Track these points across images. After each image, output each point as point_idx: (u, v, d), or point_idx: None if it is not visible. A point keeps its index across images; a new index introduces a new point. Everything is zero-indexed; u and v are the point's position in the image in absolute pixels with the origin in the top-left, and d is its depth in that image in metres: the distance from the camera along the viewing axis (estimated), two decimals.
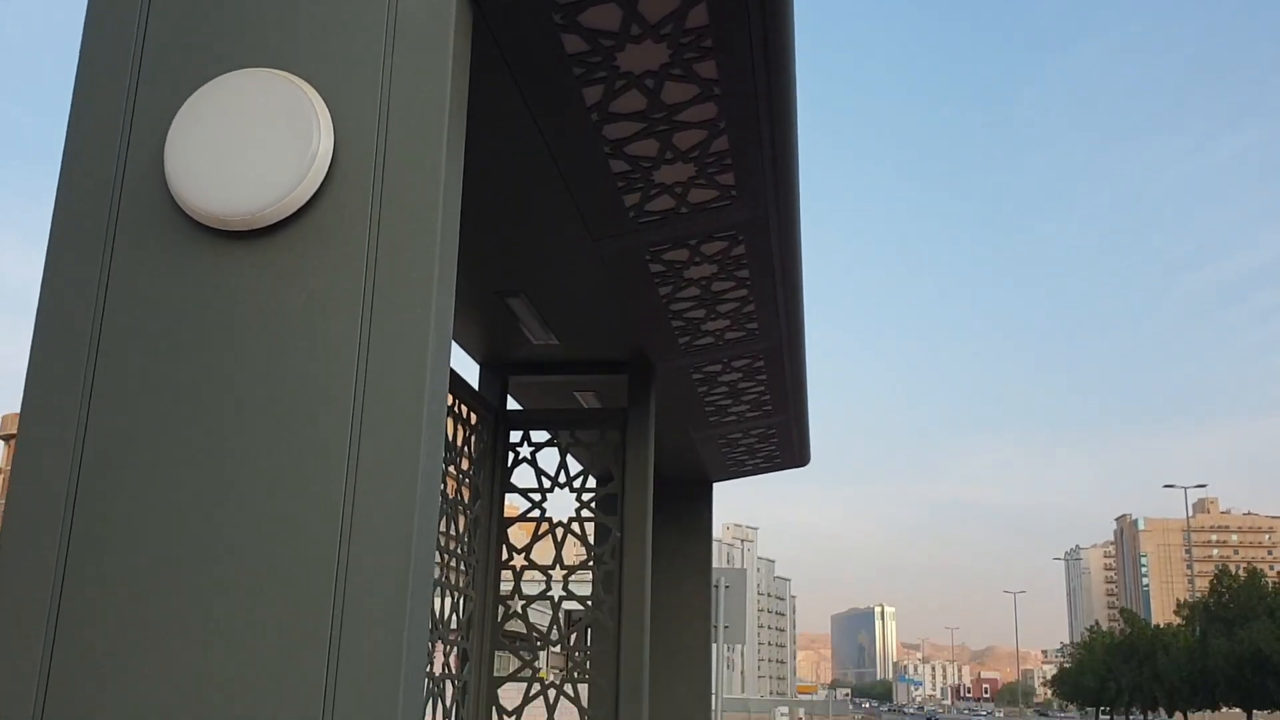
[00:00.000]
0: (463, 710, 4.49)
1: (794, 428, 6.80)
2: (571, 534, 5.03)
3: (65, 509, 2.22)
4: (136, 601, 2.14)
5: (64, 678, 2.12)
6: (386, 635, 2.09)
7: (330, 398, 2.19)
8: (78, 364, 2.30)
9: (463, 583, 4.54)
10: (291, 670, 2.09)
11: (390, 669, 2.08)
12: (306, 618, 2.12)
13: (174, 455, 2.21)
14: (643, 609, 4.82)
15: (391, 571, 2.13)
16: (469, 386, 4.67)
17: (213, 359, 2.26)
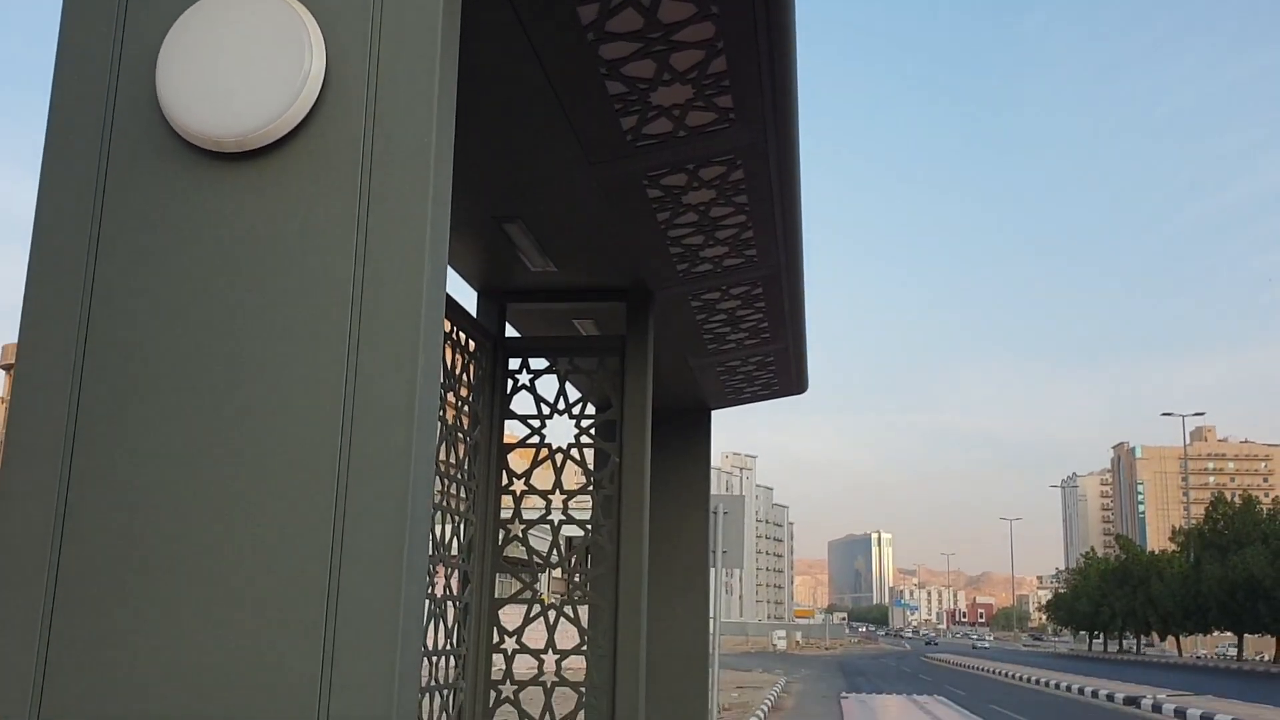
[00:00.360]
0: (464, 630, 4.57)
1: (792, 355, 6.81)
2: (571, 460, 5.06)
3: (66, 435, 2.23)
4: (141, 520, 2.17)
5: (69, 594, 2.16)
6: (386, 555, 2.12)
7: (326, 319, 2.19)
8: (74, 290, 2.29)
9: (463, 507, 4.58)
10: (293, 584, 2.11)
11: (390, 589, 2.11)
12: (307, 537, 2.14)
13: (172, 378, 2.22)
14: (641, 532, 4.88)
15: (390, 492, 2.14)
16: (467, 313, 4.67)
17: (209, 282, 2.25)
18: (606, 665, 4.80)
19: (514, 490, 5.03)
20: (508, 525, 4.96)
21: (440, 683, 4.27)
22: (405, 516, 2.13)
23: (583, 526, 5.04)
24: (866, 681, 42.19)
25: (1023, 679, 45.14)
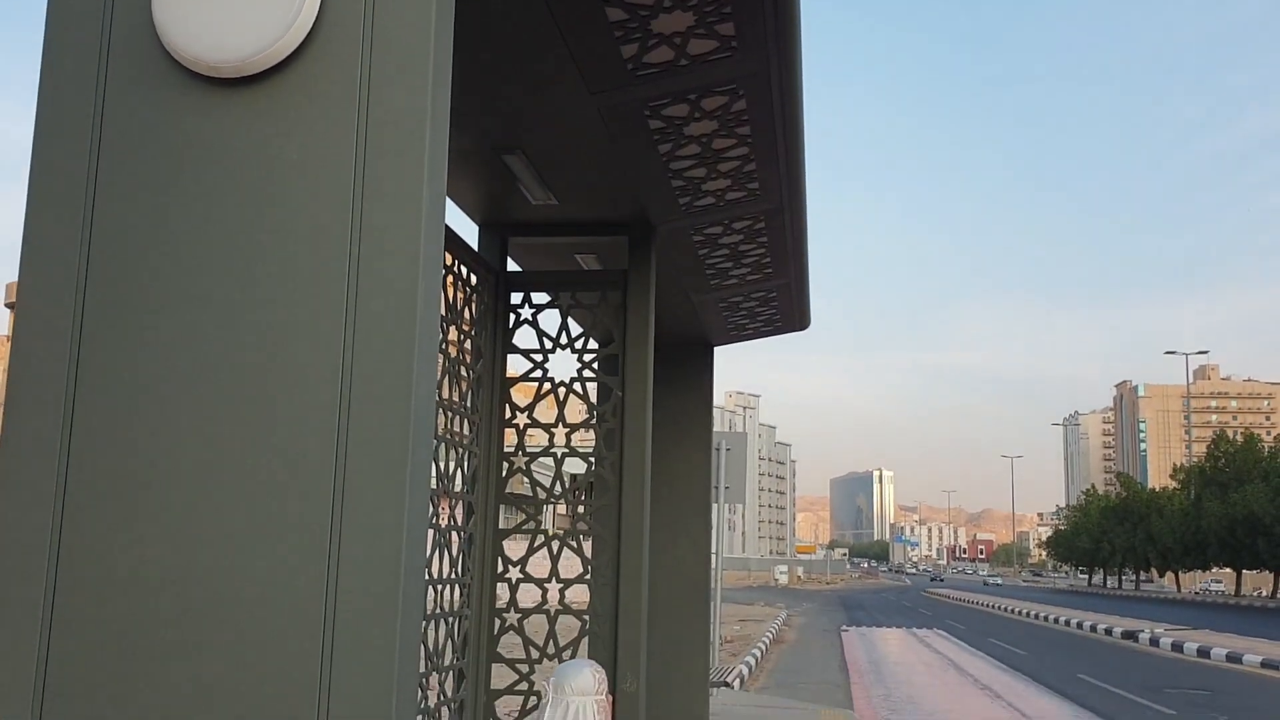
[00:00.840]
0: (468, 560, 4.63)
1: (794, 290, 6.81)
2: (574, 394, 5.09)
3: (69, 367, 2.25)
4: (144, 447, 2.19)
5: (76, 527, 2.19)
6: (389, 484, 2.14)
7: (325, 245, 2.20)
8: (74, 220, 2.29)
9: (467, 440, 4.62)
10: (295, 514, 2.14)
11: (393, 518, 2.13)
12: (308, 467, 2.16)
13: (173, 305, 2.23)
14: (643, 465, 4.92)
15: (393, 421, 2.16)
16: (468, 247, 4.66)
17: (208, 208, 2.25)
18: (609, 594, 4.87)
19: (517, 424, 5.06)
20: (511, 458, 5.00)
21: (446, 610, 4.33)
22: (407, 445, 2.15)
23: (585, 460, 5.08)
24: (867, 615, 42.72)
25: (1022, 614, 45.69)
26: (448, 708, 4.45)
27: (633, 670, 4.76)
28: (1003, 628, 36.53)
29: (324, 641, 2.11)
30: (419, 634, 2.27)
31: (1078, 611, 44.91)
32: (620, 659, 4.77)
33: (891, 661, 23.15)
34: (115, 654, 2.16)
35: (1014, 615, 45.73)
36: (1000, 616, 45.15)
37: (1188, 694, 17.81)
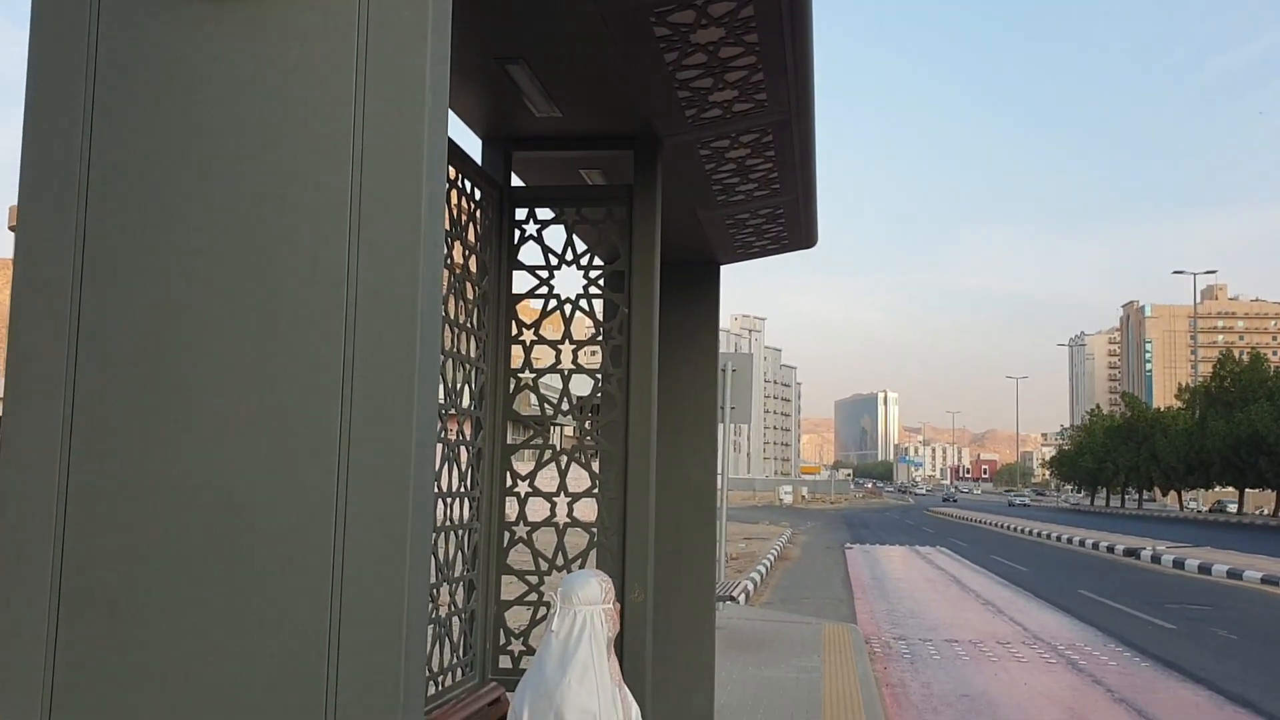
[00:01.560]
0: (477, 475, 4.66)
1: (802, 206, 6.74)
2: (579, 310, 5.07)
3: (72, 289, 2.24)
4: (150, 366, 2.19)
5: (85, 437, 2.20)
6: (397, 393, 2.14)
7: (326, 156, 2.18)
8: (74, 137, 2.27)
9: (474, 355, 4.62)
10: (303, 427, 2.15)
11: (401, 427, 2.14)
12: (315, 379, 2.17)
13: (174, 215, 2.22)
14: (650, 381, 4.92)
15: (399, 334, 2.16)
16: (472, 160, 4.61)
17: (208, 120, 2.23)
18: (617, 508, 4.91)
19: (523, 340, 5.06)
20: (518, 374, 5.01)
21: (456, 523, 4.38)
22: (414, 357, 2.15)
23: (592, 376, 5.09)
24: (870, 534, 43.22)
25: (1024, 532, 46.19)
26: (459, 618, 4.52)
27: (640, 581, 4.82)
28: (1006, 545, 36.95)
29: (334, 551, 2.13)
30: (429, 542, 2.29)
31: (1081, 530, 45.39)
32: (628, 571, 4.83)
33: (894, 578, 23.48)
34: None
35: (1017, 533, 46.24)
36: (1003, 534, 45.64)
37: (1188, 609, 18.07)
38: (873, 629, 14.74)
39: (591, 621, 3.63)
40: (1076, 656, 12.67)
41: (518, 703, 3.53)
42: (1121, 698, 10.19)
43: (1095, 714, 9.43)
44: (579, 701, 3.44)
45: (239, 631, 2.14)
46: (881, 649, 12.89)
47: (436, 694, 4.12)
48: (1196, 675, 11.47)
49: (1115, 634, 14.71)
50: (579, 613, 3.64)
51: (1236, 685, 10.88)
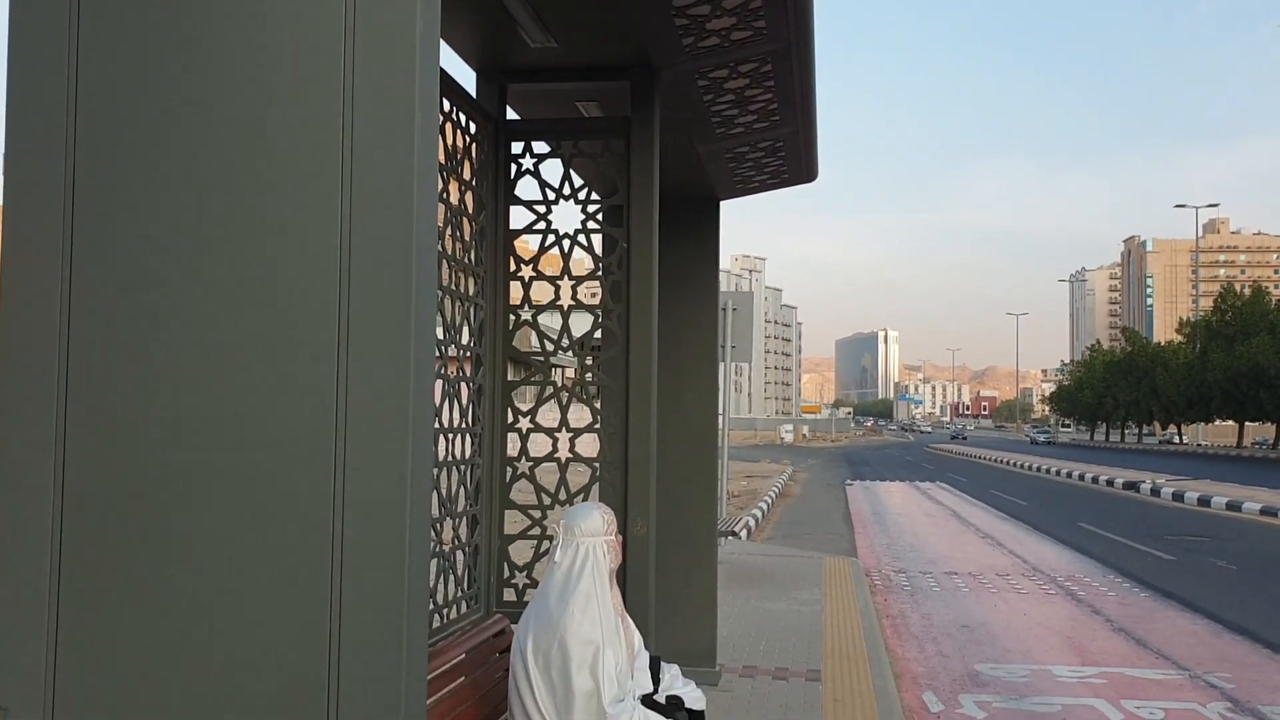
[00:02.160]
0: (478, 410, 4.66)
1: (802, 139, 6.67)
2: (578, 246, 5.04)
3: (64, 209, 2.22)
4: (144, 298, 2.18)
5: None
6: (394, 335, 2.12)
7: (317, 91, 2.17)
8: (59, 71, 2.23)
9: (472, 291, 4.59)
10: (299, 361, 2.14)
11: (399, 360, 2.13)
12: (310, 310, 2.15)
13: (166, 139, 2.19)
14: (650, 315, 4.90)
15: (394, 267, 2.14)
16: (466, 93, 4.54)
17: (196, 46, 2.20)
18: (619, 443, 4.92)
19: (522, 277, 5.03)
20: (517, 311, 4.99)
21: (458, 459, 4.39)
22: (410, 290, 2.12)
23: (592, 312, 5.07)
24: (871, 470, 43.47)
25: (1024, 466, 46.45)
26: (462, 552, 4.55)
27: (642, 515, 4.85)
28: (1006, 480, 37.18)
29: (334, 483, 2.13)
30: (430, 475, 2.30)
31: (1080, 464, 45.64)
32: (630, 505, 4.85)
33: (894, 513, 23.65)
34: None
35: (1017, 468, 46.50)
36: (1003, 470, 45.91)
37: (1187, 540, 18.22)
38: (873, 562, 14.88)
39: (594, 553, 3.66)
40: (1075, 587, 12.80)
41: (521, 633, 3.56)
42: (1120, 627, 10.30)
43: (1094, 643, 9.54)
44: (582, 631, 3.47)
45: (240, 563, 2.15)
46: (882, 582, 13.02)
47: (441, 626, 4.16)
48: (1195, 605, 11.59)
49: (1114, 565, 14.84)
50: (582, 545, 3.66)
51: (1234, 614, 11.00)
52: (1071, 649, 9.25)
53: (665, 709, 3.67)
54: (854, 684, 7.20)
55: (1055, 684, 7.95)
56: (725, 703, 6.61)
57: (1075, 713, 7.12)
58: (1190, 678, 8.22)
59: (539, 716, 3.45)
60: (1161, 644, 9.48)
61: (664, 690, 3.80)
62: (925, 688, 7.80)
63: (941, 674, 8.25)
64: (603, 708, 3.42)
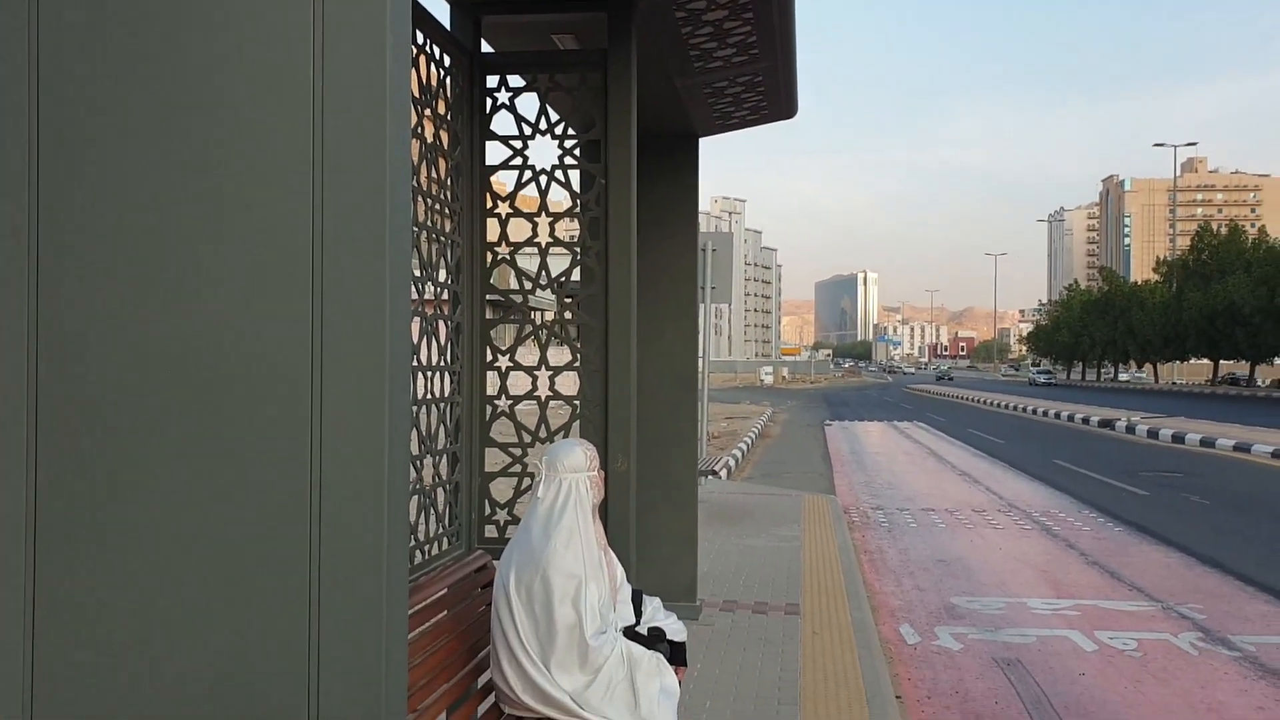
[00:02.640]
0: (457, 348, 4.64)
1: (781, 73, 6.60)
2: (555, 182, 4.98)
3: (29, 145, 2.17)
4: (116, 234, 2.14)
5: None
6: (369, 271, 2.10)
7: (287, 17, 2.12)
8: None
9: (449, 228, 4.55)
10: (275, 289, 2.11)
11: (374, 295, 2.10)
12: (285, 244, 2.12)
13: (137, 76, 2.14)
14: (629, 252, 4.87)
15: (368, 201, 2.11)
16: (439, 25, 4.46)
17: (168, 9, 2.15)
18: (599, 381, 4.91)
19: (499, 214, 4.98)
20: (494, 248, 4.94)
21: (437, 397, 4.37)
22: (384, 226, 2.10)
23: (570, 249, 5.03)
24: (850, 411, 43.74)
25: (1001, 405, 46.86)
26: (443, 489, 4.55)
27: (623, 451, 4.85)
28: (983, 419, 37.51)
29: (311, 416, 2.11)
30: (408, 411, 2.28)
31: (1056, 403, 46.05)
32: (611, 441, 4.86)
33: (873, 452, 23.85)
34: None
35: (994, 408, 46.90)
36: (980, 409, 46.29)
37: (1161, 476, 18.47)
38: (851, 500, 15.02)
39: (576, 488, 3.66)
40: (1050, 523, 12.97)
41: (504, 568, 3.57)
42: (1094, 560, 10.46)
43: (1068, 576, 9.69)
44: (564, 565, 3.49)
45: (217, 502, 2.13)
46: (860, 519, 13.16)
47: (423, 562, 4.17)
48: (1168, 538, 11.77)
49: (1089, 501, 15.03)
50: (564, 480, 3.66)
51: (1206, 547, 11.18)
52: (1046, 582, 9.40)
53: (647, 640, 3.70)
54: (832, 617, 7.30)
55: (1030, 616, 8.08)
56: (706, 636, 6.69)
57: (1050, 644, 7.25)
58: (1163, 609, 8.37)
59: (522, 649, 3.47)
60: (1135, 577, 9.64)
61: (646, 622, 3.83)
62: (902, 620, 7.91)
63: (918, 607, 8.37)
64: (585, 639, 3.45)
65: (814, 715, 5.22)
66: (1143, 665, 6.74)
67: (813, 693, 5.58)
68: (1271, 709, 5.89)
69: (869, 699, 5.48)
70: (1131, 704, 5.95)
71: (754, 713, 5.25)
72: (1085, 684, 6.32)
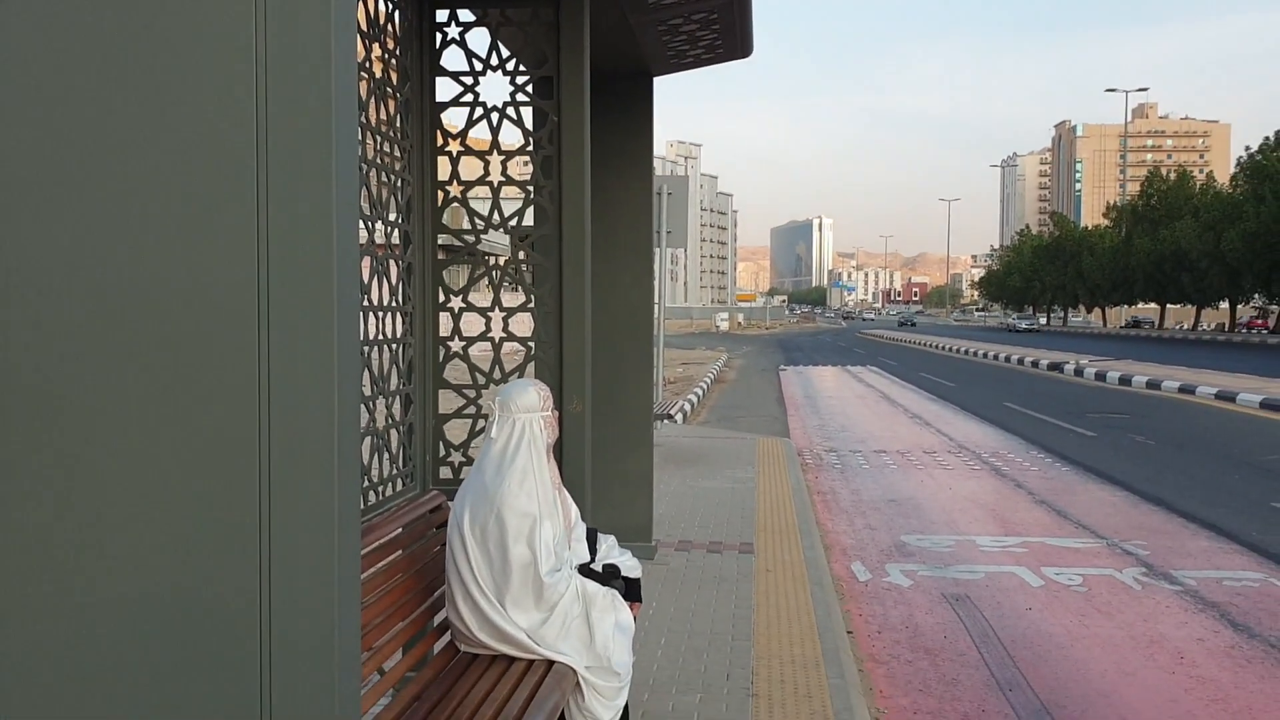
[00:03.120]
0: (408, 288, 4.59)
1: (736, 10, 6.53)
2: (507, 119, 4.91)
3: None
4: (51, 159, 2.07)
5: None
6: (313, 187, 2.05)
7: None
8: None
9: (399, 166, 4.47)
10: (218, 213, 2.06)
11: (320, 225, 2.05)
12: (226, 171, 2.06)
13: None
14: (583, 191, 4.83)
15: (312, 134, 2.05)
16: None
17: None
18: (553, 322, 4.89)
19: (450, 152, 4.91)
20: (446, 186, 4.88)
21: (389, 337, 4.32)
22: (330, 158, 2.04)
23: (523, 188, 4.97)
24: (804, 356, 44.04)
25: (953, 350, 47.42)
26: (397, 431, 4.52)
27: (578, 393, 4.85)
28: (935, 363, 37.94)
29: (259, 350, 2.07)
30: (357, 346, 2.24)
31: (1007, 347, 46.68)
32: (565, 383, 4.85)
33: (826, 395, 24.07)
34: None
35: (945, 352, 47.45)
36: (932, 354, 46.81)
37: (1108, 417, 18.83)
38: (805, 442, 15.17)
39: (530, 428, 3.65)
40: (1000, 463, 13.19)
41: (458, 507, 3.57)
42: (1042, 499, 10.67)
43: (1016, 515, 9.88)
44: (519, 505, 3.49)
45: (162, 440, 2.09)
46: (813, 460, 13.30)
47: (377, 503, 4.15)
48: (1113, 478, 12.02)
49: (1038, 442, 15.30)
50: (518, 420, 3.65)
51: (1151, 486, 11.43)
52: (995, 520, 9.58)
53: (602, 577, 3.73)
54: (785, 555, 7.39)
55: (979, 553, 8.24)
56: (661, 575, 6.75)
57: (998, 580, 7.40)
58: (1108, 545, 8.56)
59: (477, 588, 3.48)
60: (1081, 515, 9.84)
61: (601, 559, 3.85)
62: (854, 558, 8.03)
63: (870, 545, 8.50)
64: (540, 577, 3.46)
65: (767, 650, 5.29)
66: (1087, 600, 6.90)
67: (766, 628, 5.66)
68: (1210, 640, 6.07)
69: (821, 633, 5.57)
70: (1076, 637, 6.10)
71: (708, 647, 5.32)
72: (1031, 618, 6.47)
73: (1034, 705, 5.04)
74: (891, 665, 5.62)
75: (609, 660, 3.53)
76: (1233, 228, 55.31)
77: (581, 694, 3.50)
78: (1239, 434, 16.32)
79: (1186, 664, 5.66)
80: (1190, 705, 5.07)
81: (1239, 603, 6.83)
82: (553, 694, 3.19)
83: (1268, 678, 5.45)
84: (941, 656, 5.76)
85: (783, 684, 4.84)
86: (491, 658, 3.51)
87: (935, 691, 5.23)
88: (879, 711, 4.94)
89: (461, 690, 3.25)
